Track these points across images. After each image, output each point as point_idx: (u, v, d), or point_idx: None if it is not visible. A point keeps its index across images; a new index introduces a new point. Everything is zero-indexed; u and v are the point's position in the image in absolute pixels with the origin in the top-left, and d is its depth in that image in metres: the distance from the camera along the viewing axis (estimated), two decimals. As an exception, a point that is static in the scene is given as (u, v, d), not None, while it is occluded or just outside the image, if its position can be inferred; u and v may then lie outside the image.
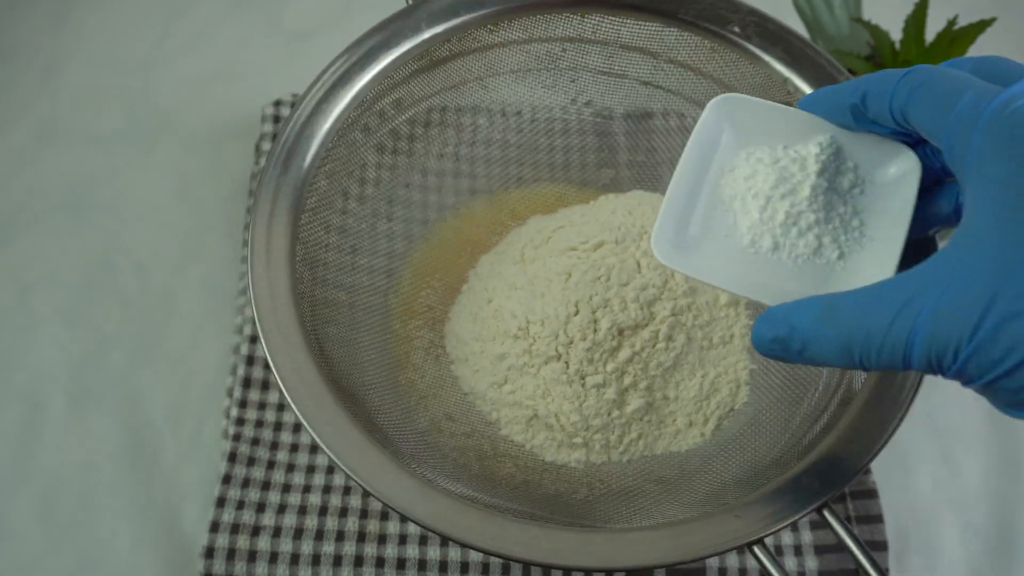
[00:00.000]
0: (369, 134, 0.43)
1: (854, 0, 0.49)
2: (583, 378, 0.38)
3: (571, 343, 0.38)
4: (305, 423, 0.31)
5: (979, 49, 0.42)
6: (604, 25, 0.42)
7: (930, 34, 0.44)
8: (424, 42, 0.40)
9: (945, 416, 0.46)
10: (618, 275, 0.39)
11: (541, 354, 0.38)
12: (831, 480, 0.30)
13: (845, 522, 0.29)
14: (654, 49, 0.42)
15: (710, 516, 0.30)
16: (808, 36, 0.50)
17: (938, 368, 0.22)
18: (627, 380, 0.38)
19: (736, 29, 0.39)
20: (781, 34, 0.39)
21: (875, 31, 0.45)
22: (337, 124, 0.38)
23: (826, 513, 0.30)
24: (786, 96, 0.39)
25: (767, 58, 0.39)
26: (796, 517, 0.29)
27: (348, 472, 0.30)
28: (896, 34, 0.45)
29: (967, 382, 0.22)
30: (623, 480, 0.39)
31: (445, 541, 0.40)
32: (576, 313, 0.38)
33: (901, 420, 0.31)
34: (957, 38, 0.42)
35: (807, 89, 0.38)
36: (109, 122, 0.55)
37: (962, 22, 0.43)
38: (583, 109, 0.47)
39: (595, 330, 0.38)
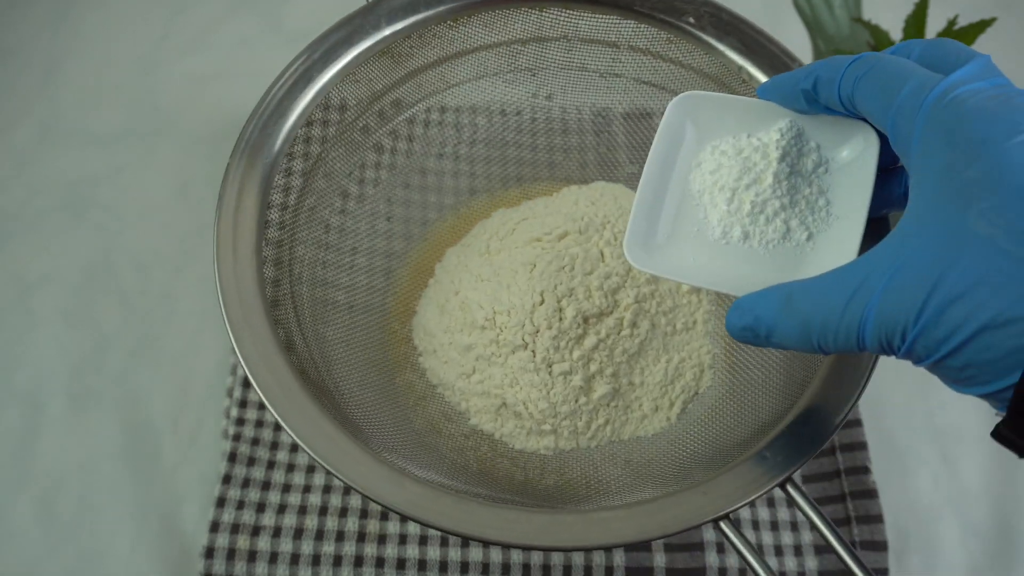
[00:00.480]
0: (368, 134, 0.43)
1: (854, 0, 0.49)
2: (550, 366, 0.38)
3: (537, 332, 0.38)
4: (277, 416, 0.31)
5: (979, 48, 0.42)
6: (562, 19, 0.43)
7: (930, 34, 0.44)
8: (384, 39, 0.40)
9: (945, 416, 0.46)
10: (582, 264, 0.39)
11: (508, 343, 0.39)
12: (793, 455, 0.31)
13: (811, 499, 0.30)
14: (612, 40, 0.43)
15: (678, 494, 0.31)
16: (808, 35, 0.50)
17: (889, 349, 0.23)
18: (593, 367, 0.39)
19: (691, 20, 0.41)
20: (735, 24, 0.40)
21: (875, 31, 0.44)
22: (300, 121, 0.38)
23: (789, 488, 0.30)
24: (742, 84, 0.40)
25: (721, 47, 0.40)
26: (761, 492, 0.30)
27: (320, 462, 0.30)
28: (896, 34, 0.45)
29: (916, 361, 0.23)
30: (592, 465, 0.39)
31: (445, 541, 0.40)
32: (542, 302, 0.38)
33: (859, 397, 0.32)
34: (957, 38, 0.42)
35: (761, 76, 0.39)
36: (109, 122, 0.55)
37: (962, 22, 0.43)
38: (582, 109, 0.47)
39: (561, 319, 0.38)
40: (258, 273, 0.34)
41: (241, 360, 0.32)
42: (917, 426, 0.46)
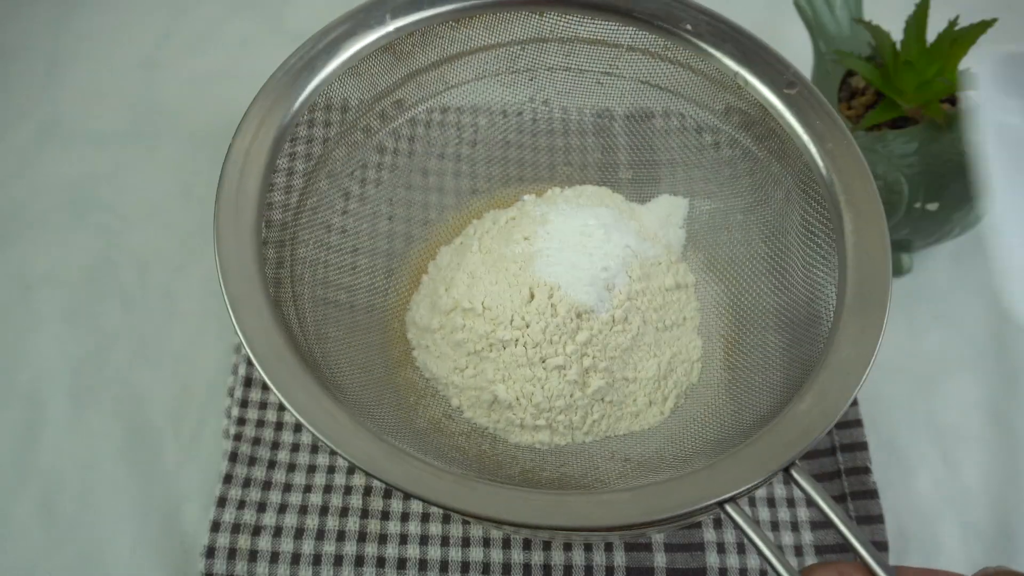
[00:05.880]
0: (370, 134, 0.43)
1: (855, 0, 0.49)
2: (543, 360, 0.38)
3: (528, 326, 0.38)
4: (276, 391, 0.31)
5: (979, 50, 0.42)
6: (562, 24, 0.43)
7: (931, 34, 0.44)
8: (388, 35, 0.41)
9: (945, 416, 0.46)
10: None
11: (499, 338, 0.39)
12: (795, 442, 0.31)
13: (812, 480, 0.30)
14: (613, 42, 0.44)
15: (682, 478, 0.31)
16: (809, 36, 0.50)
17: None
18: (587, 362, 0.39)
19: (688, 27, 0.41)
20: (731, 33, 0.41)
21: (876, 31, 0.45)
22: (302, 109, 0.39)
23: (793, 472, 0.30)
24: (737, 90, 0.41)
25: (718, 55, 0.41)
26: (766, 476, 0.30)
27: (318, 435, 0.30)
28: (897, 34, 0.45)
29: None
30: (590, 459, 0.39)
31: (445, 540, 0.40)
32: (532, 298, 0.39)
33: (860, 386, 0.32)
34: (958, 39, 0.42)
35: (758, 83, 0.40)
36: (111, 122, 0.55)
37: (963, 22, 0.43)
38: (582, 110, 0.47)
39: (554, 314, 0.38)
40: (258, 254, 0.34)
41: (240, 334, 0.32)
42: (917, 426, 0.46)
